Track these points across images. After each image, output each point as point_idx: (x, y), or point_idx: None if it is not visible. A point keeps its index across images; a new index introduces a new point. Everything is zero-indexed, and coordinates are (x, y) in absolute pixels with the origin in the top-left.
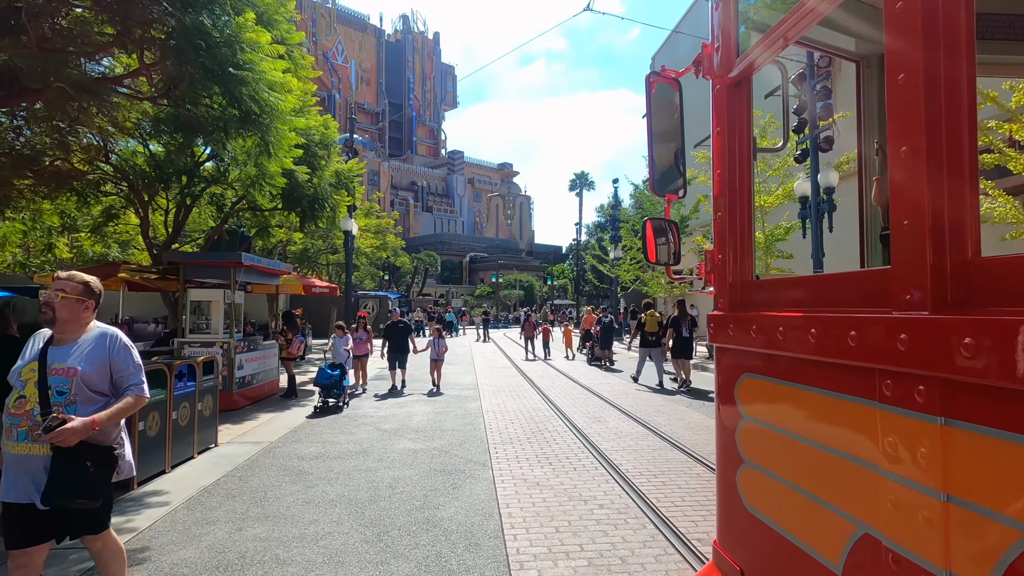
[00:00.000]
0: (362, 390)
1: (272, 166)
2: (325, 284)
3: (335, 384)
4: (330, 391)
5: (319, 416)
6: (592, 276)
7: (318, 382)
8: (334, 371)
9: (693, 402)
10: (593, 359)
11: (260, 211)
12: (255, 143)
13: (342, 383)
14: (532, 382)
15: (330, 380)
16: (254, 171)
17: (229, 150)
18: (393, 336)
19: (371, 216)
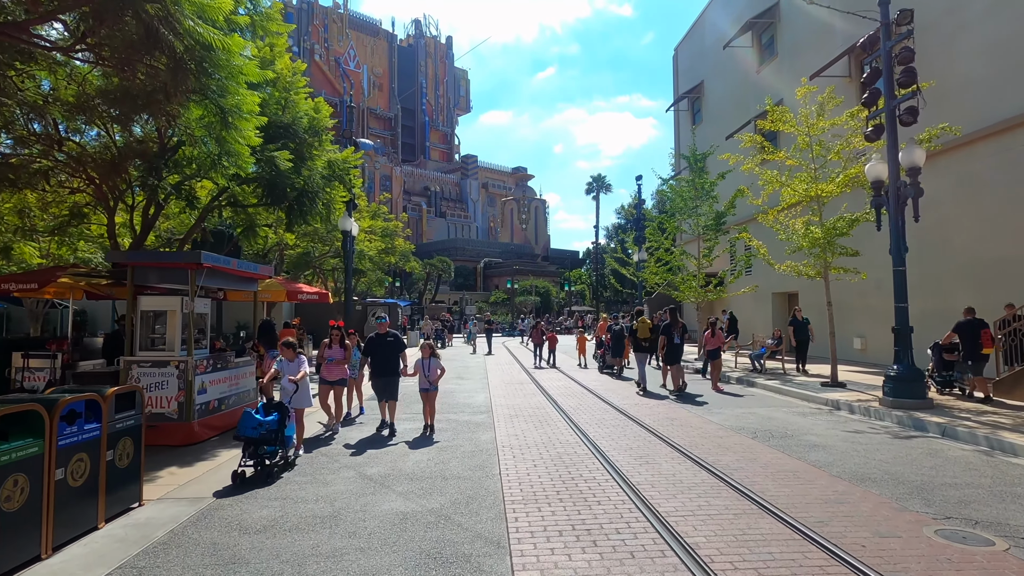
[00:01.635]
0: (337, 428)
1: (234, 141)
2: (314, 290)
3: (267, 437)
4: (259, 448)
5: (238, 492)
6: (614, 280)
7: (239, 434)
8: (268, 415)
9: (758, 431)
10: (605, 367)
11: (242, 207)
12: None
13: (281, 434)
14: (555, 402)
15: (258, 431)
16: (215, 148)
17: (181, 124)
18: (378, 354)
19: (378, 218)
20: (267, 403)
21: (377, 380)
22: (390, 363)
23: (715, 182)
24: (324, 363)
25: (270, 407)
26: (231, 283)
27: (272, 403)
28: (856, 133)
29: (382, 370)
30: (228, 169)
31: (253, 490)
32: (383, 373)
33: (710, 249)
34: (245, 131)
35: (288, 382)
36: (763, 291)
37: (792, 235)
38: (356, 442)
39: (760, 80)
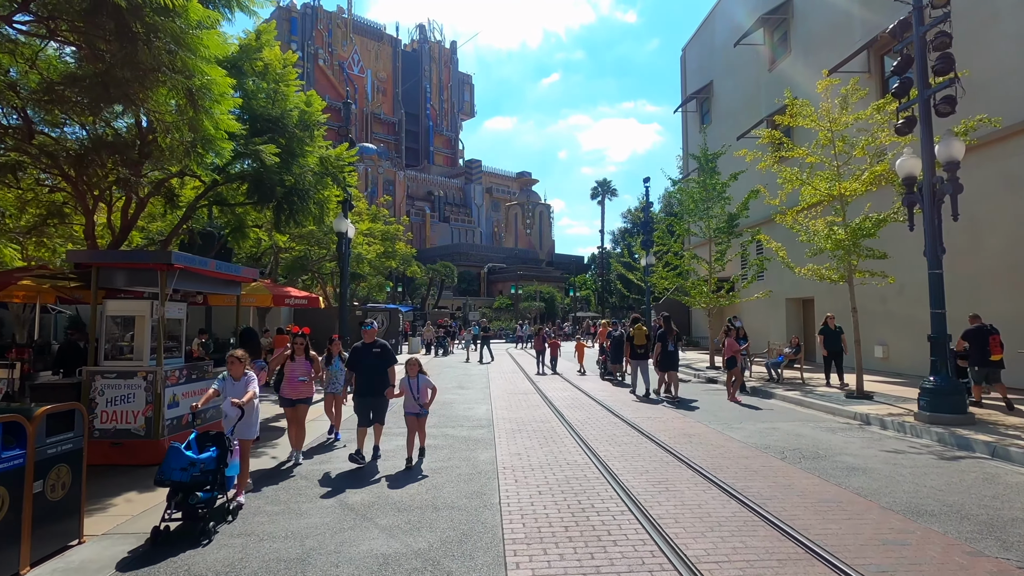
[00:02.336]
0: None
1: (208, 127)
2: (303, 295)
3: (201, 480)
4: (188, 495)
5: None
6: (620, 285)
7: (161, 478)
8: (203, 449)
9: (786, 451)
10: (606, 373)
11: (229, 206)
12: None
13: (220, 474)
14: (561, 415)
15: (188, 473)
16: (188, 135)
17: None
18: (361, 369)
19: (378, 221)
20: (202, 434)
21: (359, 400)
22: (375, 380)
23: (727, 183)
24: (285, 378)
25: (205, 439)
26: (210, 286)
27: (208, 434)
28: (883, 127)
29: (365, 388)
30: (204, 158)
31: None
32: (366, 392)
33: (722, 253)
34: (217, 114)
35: (230, 406)
36: (776, 296)
37: (814, 236)
38: (329, 474)
39: (773, 78)
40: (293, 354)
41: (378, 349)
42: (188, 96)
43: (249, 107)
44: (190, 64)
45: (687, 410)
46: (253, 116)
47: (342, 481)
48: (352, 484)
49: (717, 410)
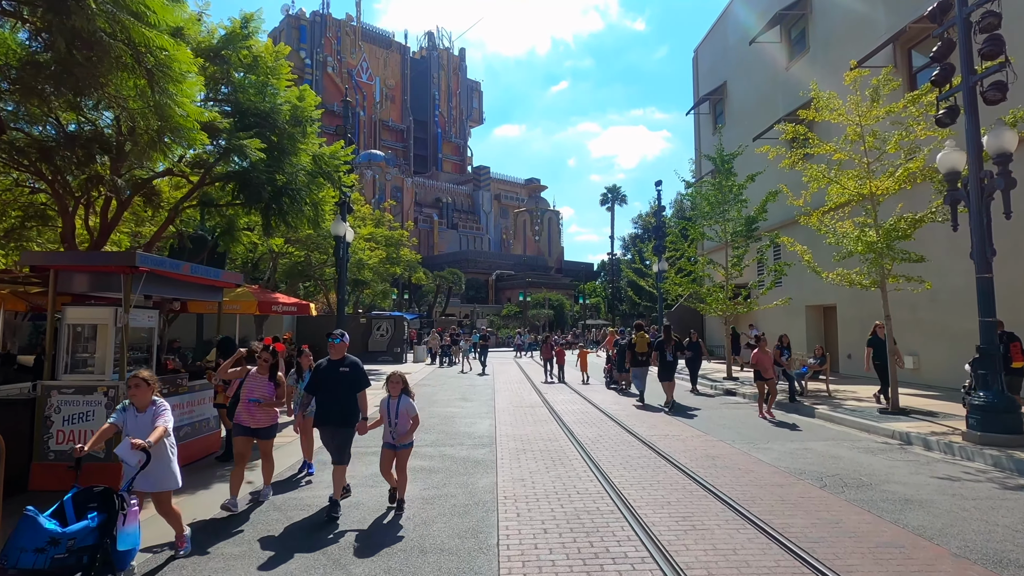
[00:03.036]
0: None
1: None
2: (292, 301)
3: (67, 566)
4: None
5: None
6: (631, 292)
7: (4, 565)
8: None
9: (825, 477)
10: (612, 382)
11: (216, 207)
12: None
13: (99, 554)
14: (570, 432)
15: (49, 555)
16: (155, 123)
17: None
18: (323, 393)
19: (382, 226)
20: (83, 491)
21: (326, 428)
22: (340, 406)
23: (744, 184)
24: (241, 400)
25: (87, 497)
26: (187, 292)
27: (91, 491)
28: (918, 120)
29: (326, 416)
30: (172, 149)
31: None
32: (327, 420)
33: (739, 257)
34: (181, 97)
35: (128, 449)
36: (795, 304)
37: (843, 239)
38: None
39: (790, 77)
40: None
41: (347, 368)
42: (147, 76)
43: (236, 101)
44: (135, 33)
45: (708, 427)
46: (240, 110)
47: (304, 533)
48: (317, 535)
49: (739, 426)
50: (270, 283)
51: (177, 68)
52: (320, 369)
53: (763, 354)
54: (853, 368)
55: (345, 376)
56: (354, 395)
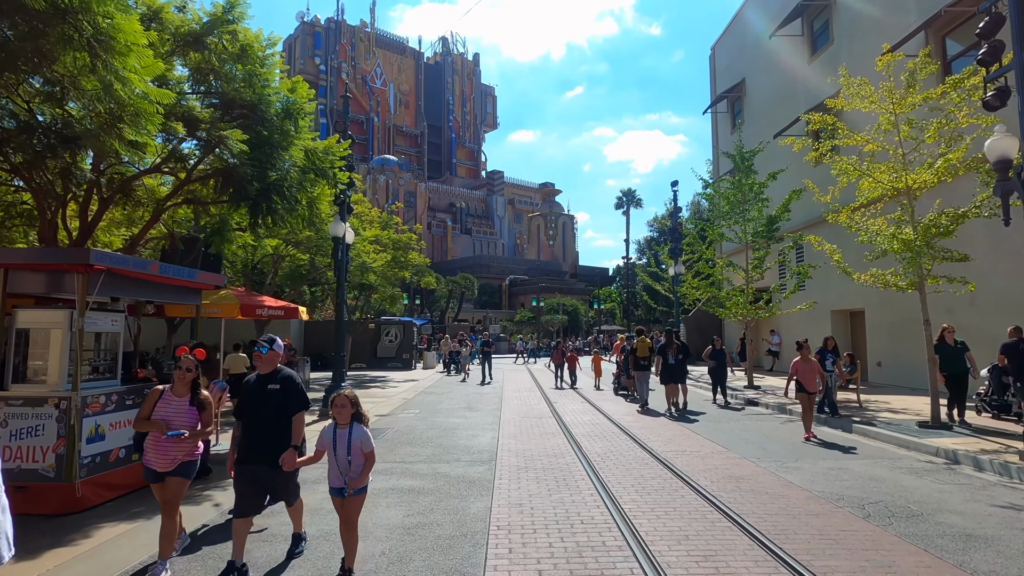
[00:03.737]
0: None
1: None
2: (280, 304)
3: None
4: None
5: None
6: (647, 296)
7: None
8: None
9: (867, 503)
10: (620, 388)
11: (202, 205)
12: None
13: None
14: (578, 446)
15: None
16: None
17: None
18: (247, 417)
19: (389, 229)
20: None
21: (239, 469)
22: (270, 438)
23: (765, 183)
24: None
25: None
26: (158, 294)
27: None
28: (959, 106)
29: (251, 449)
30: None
31: None
32: (252, 455)
33: (760, 259)
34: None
35: None
36: (820, 308)
37: (876, 237)
38: None
39: (813, 71)
40: (173, 388)
41: (276, 385)
42: (88, 48)
43: (220, 90)
44: None
45: (730, 442)
46: (225, 101)
47: None
48: None
49: (765, 441)
50: (271, 287)
51: (123, 39)
52: (247, 388)
53: (805, 363)
54: (883, 376)
55: (273, 396)
56: (283, 420)
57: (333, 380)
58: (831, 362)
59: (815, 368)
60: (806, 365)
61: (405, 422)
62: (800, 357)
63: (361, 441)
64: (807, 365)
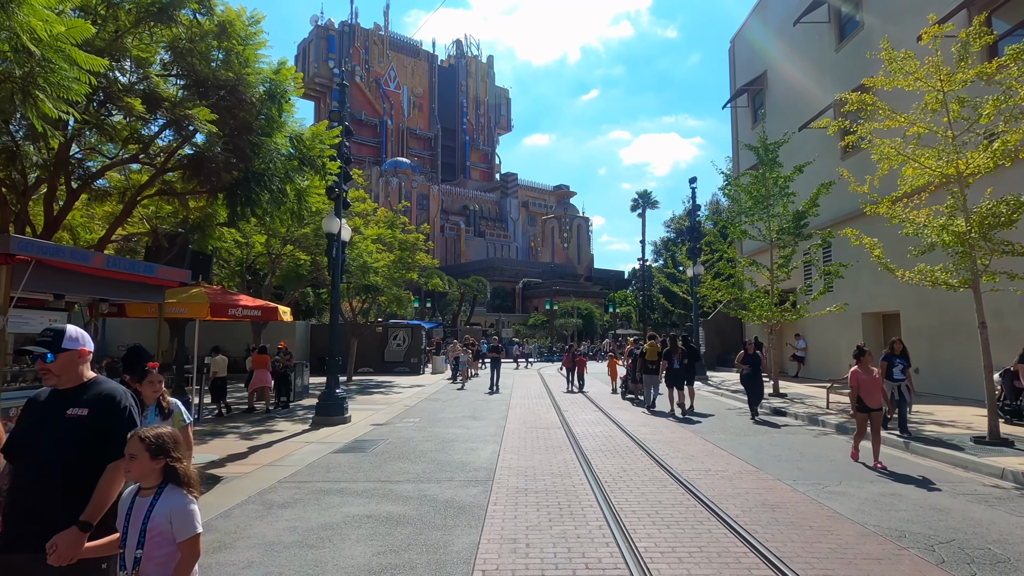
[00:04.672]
0: None
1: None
2: (257, 304)
3: None
4: None
5: None
6: (664, 299)
7: None
8: None
9: (936, 544)
10: (627, 392)
11: (175, 196)
12: None
13: None
14: (588, 463)
15: None
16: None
17: None
18: (31, 452)
19: (396, 228)
20: None
21: None
22: (48, 498)
23: (790, 176)
24: None
25: None
26: (113, 290)
27: None
28: (1022, 81)
29: (17, 521)
30: (38, 102)
31: None
32: (15, 534)
33: (787, 258)
34: (34, 20)
35: None
36: (849, 310)
37: (924, 229)
38: None
39: (841, 59)
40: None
41: (82, 410)
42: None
43: (191, 68)
44: None
45: (760, 460)
46: (198, 80)
47: None
48: None
49: (799, 458)
50: (269, 288)
51: None
52: (27, 410)
53: (866, 373)
54: (921, 384)
55: (72, 428)
56: (91, 472)
57: (327, 387)
58: (900, 370)
59: (879, 380)
60: (868, 376)
61: (401, 433)
62: (859, 365)
63: (171, 519)
64: (870, 376)
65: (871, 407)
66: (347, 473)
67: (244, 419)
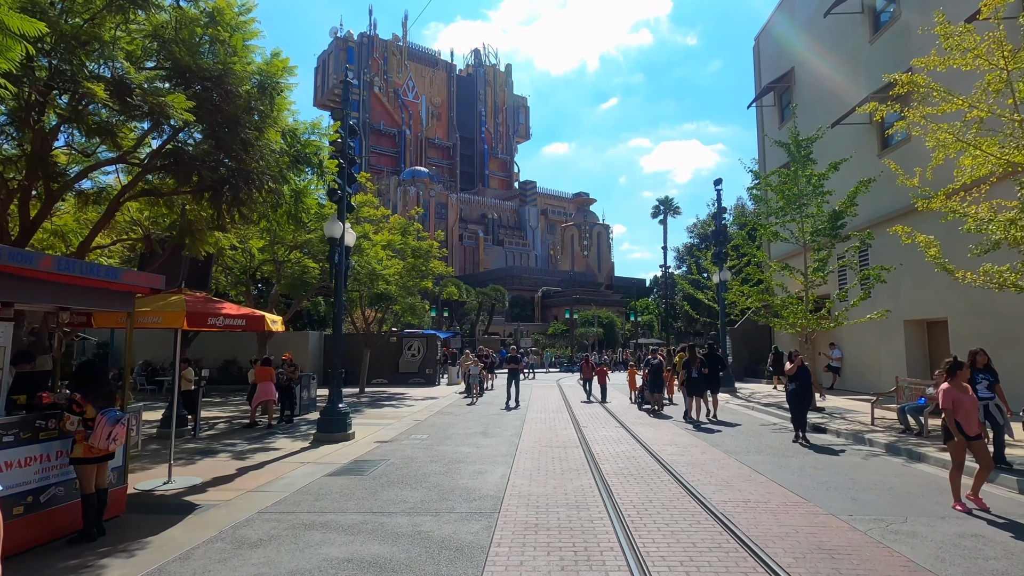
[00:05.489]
0: None
1: None
2: (242, 312)
3: None
4: None
5: None
6: (688, 306)
7: None
8: None
9: None
10: (643, 403)
11: (158, 196)
12: None
13: None
14: (608, 490)
15: None
16: None
17: None
18: None
19: (409, 235)
20: None
21: None
22: None
23: (825, 174)
24: None
25: None
26: (65, 297)
27: None
28: None
29: None
30: None
31: None
32: None
33: (823, 261)
34: None
35: None
36: (890, 317)
37: (988, 225)
38: None
39: (877, 50)
40: None
41: None
42: None
43: (171, 56)
44: None
45: (808, 488)
46: (179, 70)
47: None
48: None
49: (851, 486)
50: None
51: None
52: None
53: (958, 389)
54: None
55: None
56: None
57: (329, 401)
58: (987, 386)
59: (975, 400)
60: (962, 393)
61: (406, 451)
62: (951, 382)
63: None
64: (968, 396)
65: (970, 434)
66: (336, 502)
67: (243, 435)
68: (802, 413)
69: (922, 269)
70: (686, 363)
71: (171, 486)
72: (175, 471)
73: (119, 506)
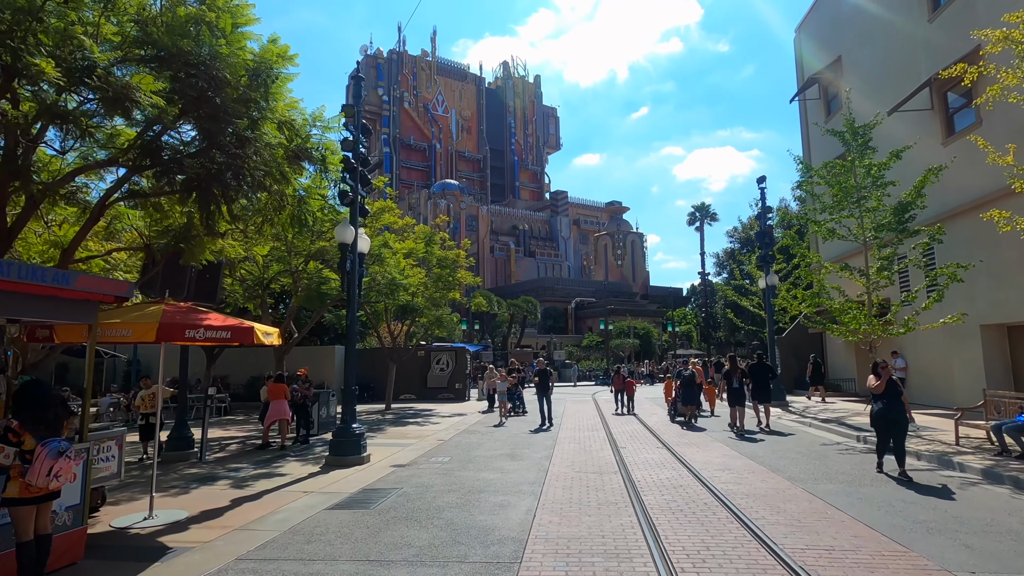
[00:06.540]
0: None
1: None
2: (229, 324)
3: None
4: None
5: None
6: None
7: None
8: None
9: None
10: (676, 415)
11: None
12: None
13: None
14: (656, 535)
15: None
16: None
17: None
18: None
19: (433, 244)
20: None
21: None
22: None
23: (886, 164)
24: None
25: None
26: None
27: None
28: None
29: None
30: None
31: None
32: None
33: (888, 260)
34: None
35: None
36: (966, 322)
37: None
38: None
39: (935, 30)
40: None
41: None
42: None
43: (151, 39)
44: None
45: (904, 529)
46: (159, 55)
47: None
48: None
49: (955, 526)
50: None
51: None
52: None
53: None
54: None
55: None
56: None
57: (342, 421)
58: None
59: None
60: None
61: (422, 478)
62: None
63: None
64: None
65: None
66: (330, 545)
67: (252, 458)
68: (894, 439)
69: (1002, 267)
70: (726, 373)
71: (151, 523)
72: (164, 503)
73: (75, 552)
